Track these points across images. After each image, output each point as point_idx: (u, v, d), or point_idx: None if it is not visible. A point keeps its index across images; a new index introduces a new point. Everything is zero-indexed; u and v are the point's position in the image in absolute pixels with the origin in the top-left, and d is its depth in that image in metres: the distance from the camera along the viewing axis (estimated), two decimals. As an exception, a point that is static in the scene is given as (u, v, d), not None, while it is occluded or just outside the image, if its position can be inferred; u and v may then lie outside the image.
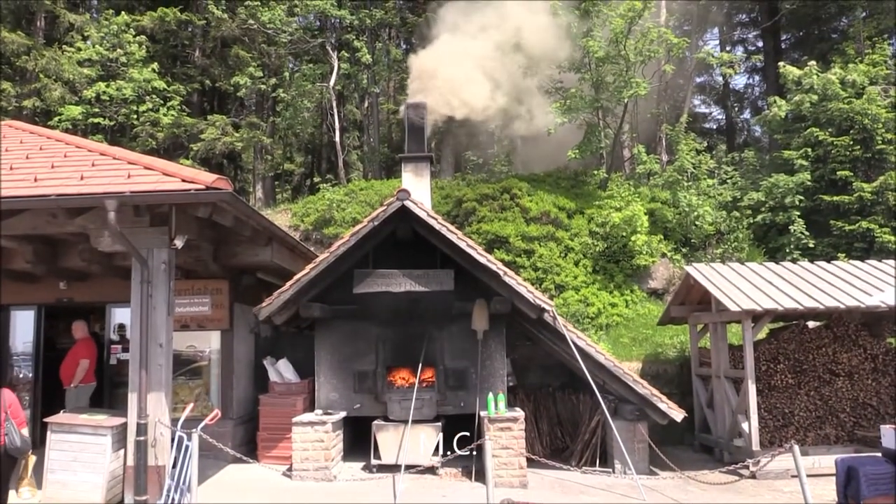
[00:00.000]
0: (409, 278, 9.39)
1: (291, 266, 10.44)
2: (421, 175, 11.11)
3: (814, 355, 10.54)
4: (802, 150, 17.09)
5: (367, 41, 24.07)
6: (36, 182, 7.38)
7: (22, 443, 6.81)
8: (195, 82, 24.12)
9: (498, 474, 8.51)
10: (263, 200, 25.27)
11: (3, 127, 10.76)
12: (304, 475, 8.95)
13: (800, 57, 23.77)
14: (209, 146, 21.80)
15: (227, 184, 7.08)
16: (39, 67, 19.60)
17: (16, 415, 6.84)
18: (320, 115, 26.37)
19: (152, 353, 7.52)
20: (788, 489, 8.61)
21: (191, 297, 10.34)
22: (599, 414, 9.93)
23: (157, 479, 7.37)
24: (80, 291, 10.60)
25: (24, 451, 6.94)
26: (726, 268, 11.27)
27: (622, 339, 13.86)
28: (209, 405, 10.13)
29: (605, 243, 15.82)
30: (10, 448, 6.76)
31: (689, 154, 17.50)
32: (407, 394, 9.62)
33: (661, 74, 20.10)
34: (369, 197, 18.80)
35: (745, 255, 15.92)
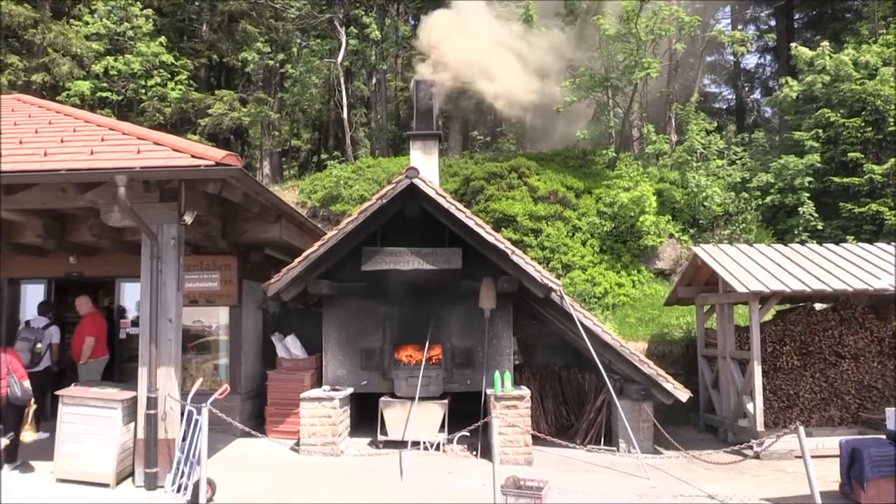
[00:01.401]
0: (417, 256, 9.41)
1: (300, 243, 10.47)
2: (429, 153, 11.09)
3: (820, 337, 10.55)
4: (813, 131, 16.96)
5: (377, 17, 23.90)
6: (45, 156, 7.38)
7: (22, 393, 7.79)
8: (202, 57, 24.02)
9: (504, 451, 8.57)
10: (271, 177, 25.28)
11: (13, 101, 10.77)
12: (311, 450, 9.05)
13: (812, 37, 23.52)
14: (216, 121, 21.78)
15: (237, 160, 7.08)
16: (47, 41, 19.52)
17: (16, 370, 7.87)
18: (328, 91, 26.28)
19: (162, 328, 7.58)
20: (792, 470, 8.66)
21: (200, 273, 10.40)
22: (605, 393, 9.98)
23: (166, 452, 7.47)
24: (90, 266, 10.66)
25: (24, 400, 7.81)
26: (734, 249, 11.25)
27: (628, 319, 13.89)
28: (218, 380, 10.22)
29: (613, 223, 15.80)
30: (11, 398, 7.78)
31: (699, 134, 17.40)
32: (414, 371, 9.68)
33: (671, 53, 19.92)
34: (376, 174, 18.79)
35: (753, 236, 15.89)
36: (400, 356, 10.12)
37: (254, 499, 7.25)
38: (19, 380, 7.83)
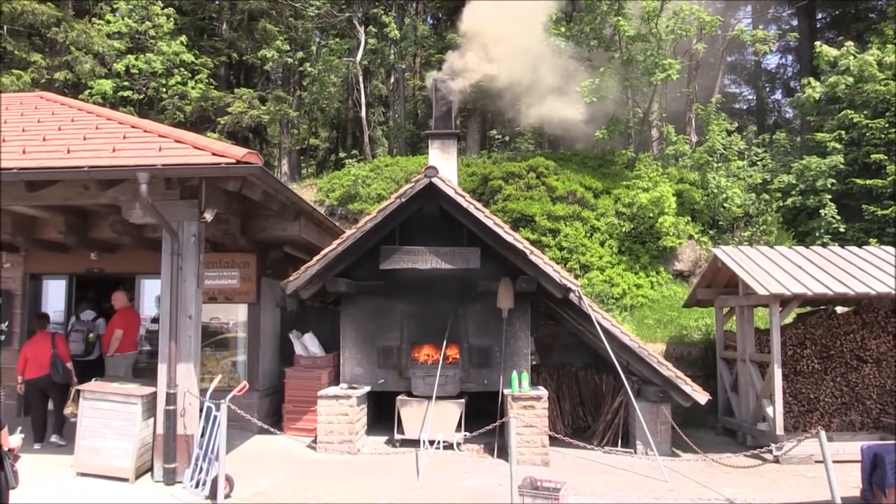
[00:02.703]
0: (435, 255, 9.41)
1: (318, 241, 10.51)
2: (448, 152, 11.09)
3: (841, 341, 10.44)
4: (836, 132, 16.76)
5: (396, 17, 23.92)
6: (69, 154, 7.46)
7: (64, 373, 8.81)
8: (222, 55, 24.15)
9: (520, 452, 8.55)
10: (289, 175, 25.38)
11: (36, 98, 10.90)
12: (328, 447, 9.08)
13: (835, 37, 23.24)
14: (236, 119, 21.89)
15: (258, 158, 7.12)
16: (70, 40, 19.71)
17: (62, 353, 8.91)
18: (346, 90, 26.34)
19: (182, 325, 7.63)
20: (812, 474, 8.58)
21: (219, 270, 10.47)
22: (622, 394, 9.94)
23: (185, 448, 7.52)
24: (111, 262, 10.78)
25: (66, 380, 8.81)
26: (754, 251, 11.16)
27: (647, 321, 13.81)
28: (236, 377, 10.28)
29: (632, 224, 15.70)
30: (54, 377, 8.76)
31: (719, 135, 17.25)
32: (431, 370, 9.68)
33: (692, 53, 19.76)
34: (394, 173, 18.79)
35: (773, 238, 15.74)
36: (417, 355, 10.12)
37: (271, 495, 7.28)
38: (64, 361, 8.87)
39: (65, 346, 9.14)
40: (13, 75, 18.83)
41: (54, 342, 8.97)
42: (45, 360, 8.81)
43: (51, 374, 8.76)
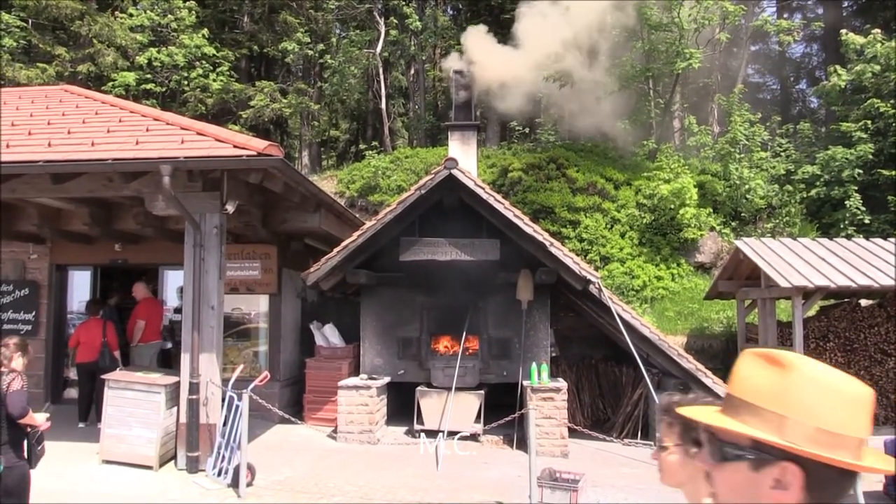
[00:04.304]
0: (455, 247, 9.41)
1: (339, 233, 10.56)
2: (468, 143, 11.09)
3: (865, 334, 10.33)
4: (862, 122, 16.51)
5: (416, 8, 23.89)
6: (93, 146, 7.56)
7: (111, 361, 9.18)
8: (243, 48, 24.27)
9: (539, 443, 8.56)
10: (309, 167, 25.49)
11: (61, 91, 11.04)
12: (348, 437, 9.15)
13: (861, 25, 22.87)
14: (258, 112, 22.02)
15: (279, 150, 7.16)
16: (93, 33, 19.91)
17: (111, 342, 9.35)
18: (366, 81, 26.37)
19: (204, 315, 7.72)
20: (834, 468, 8.50)
21: (241, 262, 10.56)
22: (642, 387, 9.90)
23: (208, 437, 7.62)
24: (134, 253, 10.90)
25: (111, 368, 8.85)
26: (777, 243, 11.04)
27: (667, 313, 13.74)
28: (257, 367, 10.38)
29: (653, 215, 15.61)
30: (101, 364, 9.11)
31: (742, 125, 17.06)
32: (450, 361, 9.71)
33: (715, 43, 19.55)
34: (414, 164, 18.82)
35: (797, 230, 15.56)
36: (437, 346, 10.15)
37: (292, 484, 7.36)
38: (111, 350, 9.30)
39: (115, 334, 9.52)
40: (38, 68, 19.07)
41: (105, 329, 9.40)
42: (96, 345, 9.32)
43: (98, 361, 9.24)
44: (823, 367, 1.19)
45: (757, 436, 1.14)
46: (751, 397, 1.18)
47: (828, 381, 1.15)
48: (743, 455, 1.16)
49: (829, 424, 1.13)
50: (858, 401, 1.16)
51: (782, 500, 1.13)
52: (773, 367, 1.19)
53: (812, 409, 1.13)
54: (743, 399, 1.19)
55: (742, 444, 1.16)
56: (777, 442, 1.12)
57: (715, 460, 1.22)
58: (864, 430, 1.16)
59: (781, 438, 1.13)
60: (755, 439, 1.14)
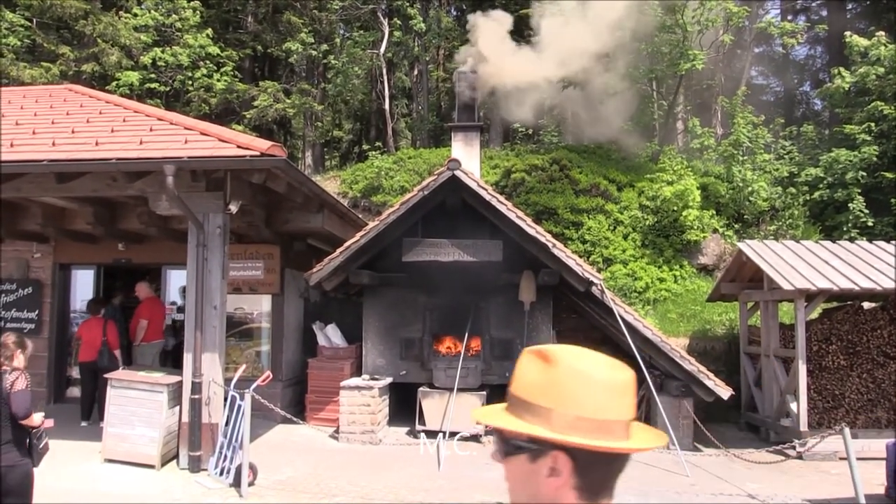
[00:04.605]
0: (457, 248, 9.42)
1: (341, 233, 10.58)
2: (471, 145, 11.09)
3: (868, 337, 10.29)
4: (865, 124, 16.48)
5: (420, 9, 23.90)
6: (97, 146, 7.58)
7: (110, 361, 9.19)
8: (247, 48, 24.30)
9: (541, 445, 8.55)
10: (313, 167, 25.50)
11: (65, 91, 11.07)
12: (350, 437, 9.16)
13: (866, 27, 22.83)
14: (261, 112, 22.04)
15: (282, 151, 7.18)
16: (97, 32, 19.94)
17: (112, 341, 9.37)
18: (370, 82, 26.39)
19: (207, 315, 7.73)
20: (836, 471, 8.49)
21: (244, 262, 10.58)
22: (644, 389, 9.89)
23: (210, 436, 7.63)
24: (138, 253, 10.93)
25: (112, 367, 8.87)
26: (780, 245, 11.04)
27: (670, 315, 13.72)
28: (259, 367, 10.40)
29: (656, 217, 15.60)
30: (100, 364, 9.15)
31: (745, 127, 17.04)
32: (452, 362, 9.72)
33: (718, 44, 19.53)
34: (417, 165, 18.83)
35: (800, 232, 15.53)
36: (439, 347, 10.17)
37: (294, 484, 7.37)
38: (112, 350, 9.35)
39: (115, 333, 9.54)
40: (42, 67, 19.11)
41: (105, 329, 9.44)
42: (96, 345, 9.37)
43: (98, 360, 9.33)
44: (585, 357, 1.26)
45: (524, 430, 1.21)
46: (524, 394, 1.25)
47: (585, 371, 1.23)
48: (522, 449, 1.23)
49: (589, 411, 1.20)
50: (615, 386, 1.24)
51: (556, 485, 1.20)
52: (541, 363, 1.26)
53: (572, 399, 1.20)
54: (519, 396, 1.26)
55: (521, 439, 1.22)
56: (540, 434, 1.19)
57: (502, 456, 1.28)
58: (625, 413, 1.23)
59: (550, 430, 1.19)
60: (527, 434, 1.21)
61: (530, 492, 1.24)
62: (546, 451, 1.20)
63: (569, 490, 1.21)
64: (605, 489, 1.25)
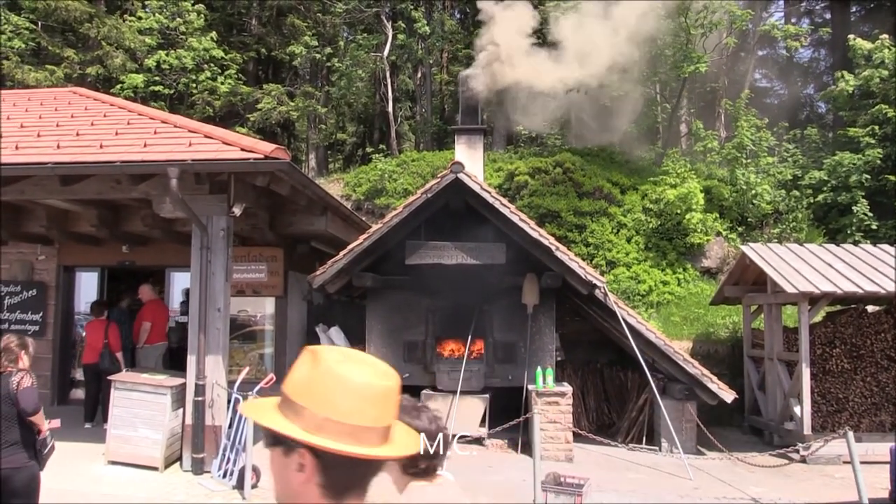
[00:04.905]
0: (460, 251, 9.43)
1: (345, 236, 10.59)
2: (474, 147, 11.11)
3: (872, 340, 10.28)
4: (869, 127, 16.45)
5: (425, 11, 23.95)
6: (101, 148, 7.61)
7: (112, 363, 9.19)
8: (251, 51, 24.37)
9: (544, 448, 8.57)
10: (316, 170, 25.54)
11: (70, 94, 11.11)
12: (353, 440, 9.15)
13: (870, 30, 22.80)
14: (265, 115, 22.09)
15: (285, 154, 7.19)
16: (101, 35, 20.00)
17: (114, 343, 9.38)
18: (373, 85, 26.43)
19: (211, 318, 7.75)
20: (840, 475, 8.48)
21: (247, 264, 10.60)
22: (647, 392, 9.89)
23: (213, 439, 7.64)
24: (142, 255, 10.96)
25: (114, 370, 8.85)
26: (784, 248, 11.03)
27: (673, 318, 13.71)
28: (263, 369, 10.41)
29: (659, 220, 15.58)
30: (101, 366, 9.19)
31: (749, 130, 17.02)
32: (456, 365, 9.72)
33: (722, 47, 19.51)
34: (421, 168, 18.84)
35: (803, 235, 15.50)
36: (442, 350, 10.16)
37: (297, 487, 7.36)
38: (113, 352, 9.35)
39: (117, 335, 9.57)
40: (47, 70, 19.18)
41: (107, 331, 9.47)
42: (98, 347, 9.40)
43: (99, 362, 9.35)
44: (350, 361, 1.30)
45: (272, 426, 1.26)
46: (289, 390, 1.30)
47: (342, 375, 1.27)
48: (278, 442, 1.29)
49: (338, 414, 1.24)
50: (372, 393, 1.27)
51: (302, 480, 1.26)
52: (310, 363, 1.31)
53: (324, 401, 1.25)
54: (285, 392, 1.31)
55: (278, 433, 1.27)
56: (285, 431, 1.25)
57: (265, 446, 1.34)
58: (381, 420, 1.28)
59: (301, 428, 1.25)
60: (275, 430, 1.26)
61: (283, 483, 1.31)
62: (296, 448, 1.26)
63: (313, 487, 1.27)
64: (352, 490, 1.30)
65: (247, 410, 1.35)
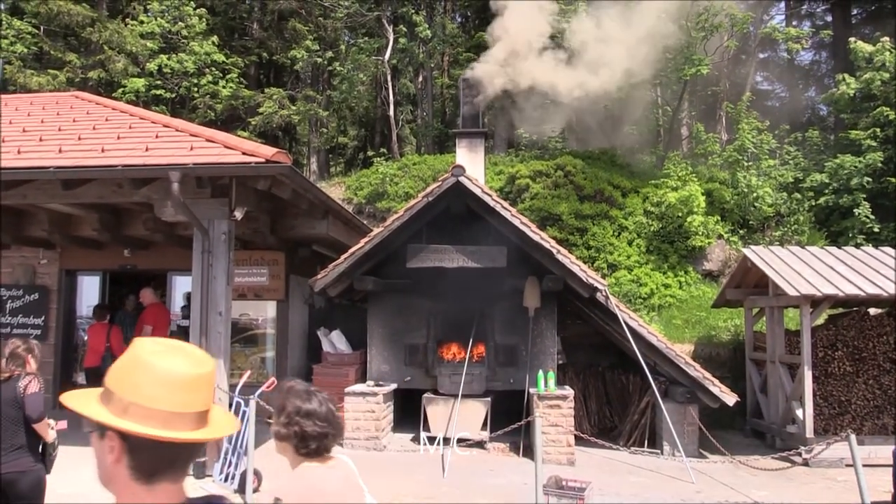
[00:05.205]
0: (462, 254, 9.43)
1: (346, 239, 10.59)
2: (475, 151, 11.11)
3: (874, 343, 10.25)
4: (871, 129, 16.45)
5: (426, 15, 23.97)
6: (103, 153, 7.61)
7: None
8: (253, 55, 24.41)
9: (546, 451, 8.55)
10: (318, 173, 25.56)
11: (71, 98, 11.13)
12: (354, 444, 9.16)
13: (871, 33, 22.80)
14: (267, 119, 22.12)
15: (287, 157, 7.20)
16: (103, 39, 20.05)
17: (115, 345, 9.34)
18: (375, 88, 26.46)
19: (212, 321, 7.75)
20: (842, 478, 8.46)
21: (249, 268, 10.60)
22: (649, 395, 9.88)
23: (214, 442, 7.63)
24: (143, 259, 10.97)
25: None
26: (785, 251, 11.02)
27: (675, 321, 13.70)
28: (264, 373, 10.42)
29: (660, 223, 15.58)
30: (103, 370, 8.56)
31: (750, 133, 17.02)
32: (457, 368, 9.71)
33: (723, 50, 19.51)
34: (422, 171, 18.84)
35: (805, 238, 15.50)
36: (443, 353, 10.16)
37: (298, 490, 7.35)
38: (115, 355, 8.91)
39: (119, 339, 9.63)
40: (49, 75, 19.24)
41: (109, 335, 9.55)
42: (100, 350, 9.48)
43: (101, 365, 9.37)
44: (161, 349, 1.40)
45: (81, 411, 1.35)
46: (107, 378, 1.40)
47: (150, 362, 1.36)
48: (97, 428, 1.37)
49: (143, 399, 1.33)
50: (179, 380, 1.36)
51: (113, 462, 1.36)
52: (128, 352, 1.41)
53: (130, 386, 1.34)
54: (105, 380, 1.40)
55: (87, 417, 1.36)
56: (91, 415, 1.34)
57: (85, 430, 1.43)
58: (189, 406, 1.37)
59: (109, 412, 1.34)
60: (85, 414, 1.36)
61: (101, 466, 1.40)
62: (107, 431, 1.35)
63: (123, 468, 1.36)
64: (162, 473, 1.38)
65: (66, 398, 1.41)
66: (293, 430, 2.35)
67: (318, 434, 2.36)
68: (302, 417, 2.35)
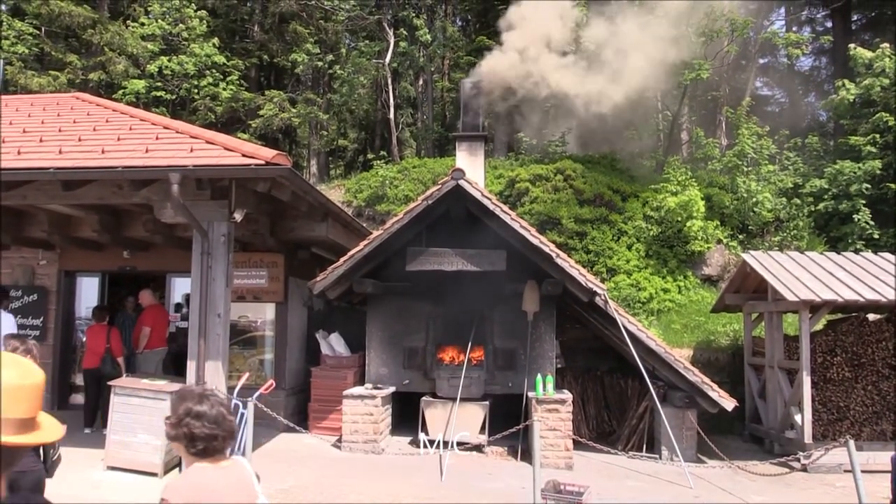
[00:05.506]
0: (461, 258, 9.43)
1: (346, 242, 10.59)
2: (475, 154, 11.13)
3: (873, 349, 10.26)
4: (870, 136, 16.47)
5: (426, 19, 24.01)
6: (103, 154, 7.61)
7: (113, 367, 9.23)
8: (253, 57, 24.44)
9: (544, 455, 8.55)
10: (318, 176, 25.58)
11: (72, 99, 11.13)
12: (353, 447, 9.15)
13: (871, 39, 22.84)
14: (267, 121, 22.14)
15: (286, 160, 7.20)
16: (104, 41, 20.08)
17: (115, 347, 9.40)
18: (375, 91, 26.49)
19: (211, 323, 7.73)
20: (841, 484, 8.46)
21: (248, 270, 10.59)
22: (648, 399, 9.88)
23: (213, 445, 7.61)
24: (143, 260, 10.96)
25: (114, 374, 8.93)
26: (785, 256, 11.02)
27: (674, 326, 13.70)
28: (263, 375, 10.40)
29: (660, 228, 15.59)
30: (103, 370, 9.22)
31: (749, 138, 17.03)
32: (456, 372, 9.71)
33: (723, 55, 19.54)
34: (422, 175, 18.86)
35: (804, 244, 15.50)
36: (442, 356, 10.16)
37: (297, 493, 7.36)
38: (115, 357, 9.39)
39: (119, 340, 9.60)
40: (50, 76, 19.26)
41: (109, 336, 9.49)
42: (99, 351, 9.40)
43: (100, 367, 9.34)
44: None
45: None
46: None
47: None
48: None
49: None
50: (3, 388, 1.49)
51: None
52: None
53: None
54: None
55: None
56: None
57: None
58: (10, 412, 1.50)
59: None
60: None
61: None
62: None
63: None
64: None
65: None
66: (182, 430, 2.45)
67: (207, 435, 2.44)
68: (192, 419, 2.44)
